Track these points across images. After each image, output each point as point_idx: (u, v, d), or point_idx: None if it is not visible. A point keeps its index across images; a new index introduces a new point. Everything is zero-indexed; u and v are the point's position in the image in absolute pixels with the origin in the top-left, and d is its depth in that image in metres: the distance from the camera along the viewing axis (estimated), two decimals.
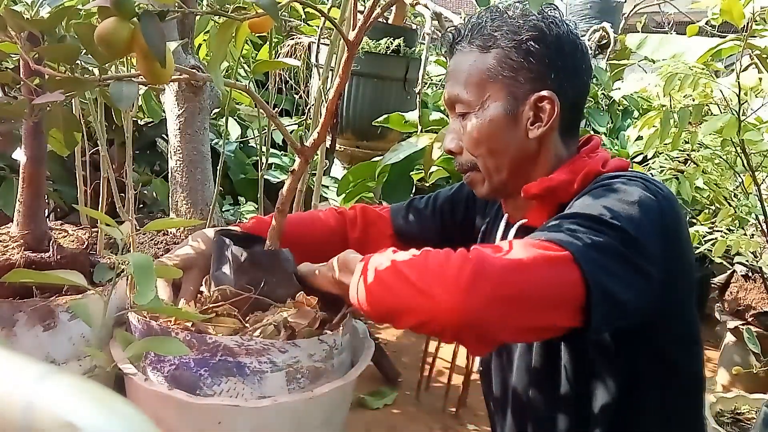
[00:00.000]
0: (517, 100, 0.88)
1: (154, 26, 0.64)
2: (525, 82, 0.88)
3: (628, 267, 0.72)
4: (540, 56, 0.87)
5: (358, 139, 2.63)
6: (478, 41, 0.90)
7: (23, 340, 0.98)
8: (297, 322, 0.89)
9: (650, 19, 4.28)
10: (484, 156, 0.91)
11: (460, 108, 0.91)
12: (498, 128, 0.89)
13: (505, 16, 0.90)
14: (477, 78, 0.89)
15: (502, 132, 0.89)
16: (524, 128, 0.89)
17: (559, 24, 0.89)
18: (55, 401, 0.34)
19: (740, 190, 1.94)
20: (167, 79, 0.71)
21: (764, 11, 1.70)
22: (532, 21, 0.88)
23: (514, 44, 0.87)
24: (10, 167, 2.07)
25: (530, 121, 0.89)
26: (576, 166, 0.89)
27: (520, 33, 0.87)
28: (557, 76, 0.88)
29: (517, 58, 0.87)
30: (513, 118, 0.89)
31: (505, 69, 0.88)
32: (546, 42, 0.87)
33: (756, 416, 1.66)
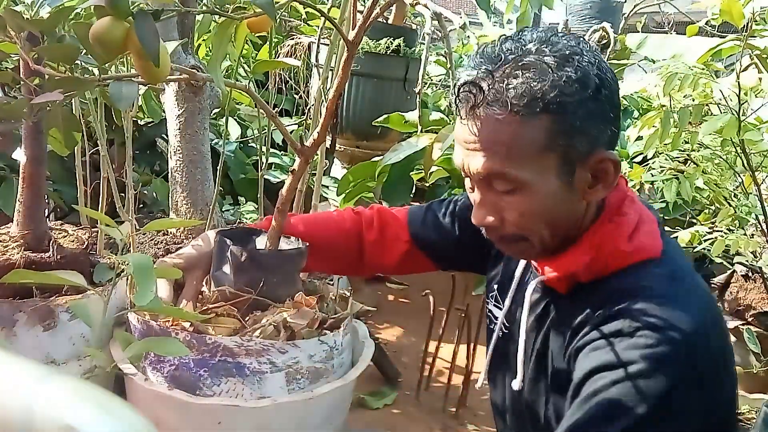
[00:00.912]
0: (573, 165, 0.77)
1: (148, 25, 0.64)
2: (582, 145, 0.76)
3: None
4: (597, 113, 0.75)
5: (358, 139, 2.63)
6: (517, 105, 0.73)
7: (23, 340, 0.98)
8: (296, 323, 0.89)
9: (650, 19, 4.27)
10: (539, 228, 0.80)
11: (504, 185, 0.78)
12: (554, 200, 0.78)
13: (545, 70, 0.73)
14: (526, 151, 0.75)
15: (558, 203, 0.78)
16: (581, 191, 0.78)
17: (604, 66, 0.76)
18: (55, 404, 0.34)
19: (740, 190, 1.94)
20: (163, 78, 0.71)
21: (764, 11, 1.70)
22: (580, 73, 0.73)
23: (569, 107, 0.73)
24: (10, 167, 2.07)
25: (588, 184, 0.78)
26: (598, 240, 0.80)
27: (570, 93, 0.73)
28: (611, 129, 0.78)
29: (574, 122, 0.74)
30: (569, 185, 0.78)
31: (560, 136, 0.74)
32: (600, 95, 0.75)
33: (756, 416, 1.66)
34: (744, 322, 2.14)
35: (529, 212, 0.79)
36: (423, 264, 1.09)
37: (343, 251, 1.07)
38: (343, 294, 1.06)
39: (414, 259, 1.08)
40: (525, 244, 0.82)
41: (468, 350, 2.10)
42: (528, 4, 1.94)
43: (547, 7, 1.93)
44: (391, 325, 2.71)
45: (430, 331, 2.18)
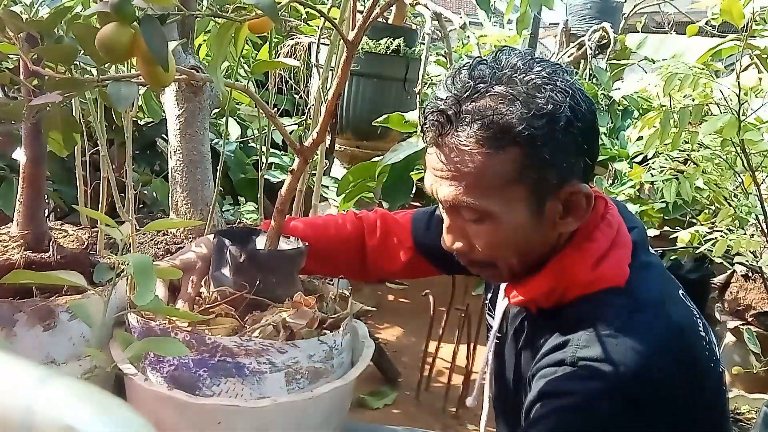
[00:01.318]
0: (544, 197, 0.75)
1: (156, 31, 0.64)
2: (553, 178, 0.74)
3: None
4: (568, 146, 0.73)
5: (358, 139, 2.63)
6: (485, 137, 0.71)
7: (23, 340, 0.98)
8: (296, 323, 0.89)
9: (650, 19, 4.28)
10: (507, 256, 0.79)
11: (471, 215, 0.77)
12: (524, 231, 0.77)
13: (514, 100, 0.71)
14: (494, 182, 0.74)
15: (528, 234, 0.77)
16: (551, 222, 0.77)
17: (579, 96, 0.74)
18: (54, 404, 0.34)
19: (740, 190, 1.94)
20: (169, 83, 0.71)
21: (764, 11, 1.70)
22: (551, 105, 0.71)
23: (538, 140, 0.71)
24: (10, 167, 2.07)
25: (559, 215, 0.77)
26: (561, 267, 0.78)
27: (539, 126, 0.71)
28: (584, 161, 0.76)
29: (543, 155, 0.72)
30: (539, 216, 0.76)
31: (529, 169, 0.73)
32: (572, 128, 0.72)
33: (756, 416, 1.66)
34: (744, 322, 2.14)
35: (496, 242, 0.78)
36: (427, 270, 1.09)
37: (344, 255, 1.06)
38: (343, 294, 1.06)
39: (418, 265, 1.07)
40: (493, 270, 0.82)
41: (468, 350, 2.10)
42: (528, 4, 1.94)
43: (548, 8, 1.93)
44: (391, 325, 2.72)
45: (430, 331, 2.18)
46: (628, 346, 0.70)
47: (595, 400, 0.69)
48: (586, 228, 0.79)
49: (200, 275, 0.99)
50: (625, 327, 0.72)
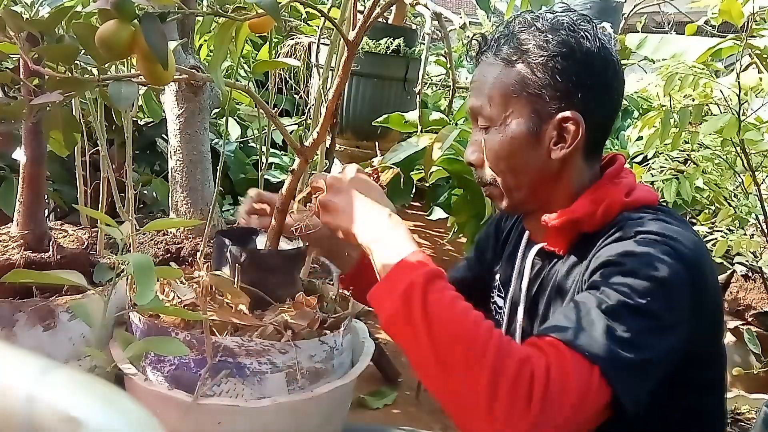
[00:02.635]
0: (541, 118, 0.85)
1: (156, 28, 0.64)
2: (550, 100, 0.84)
3: (660, 363, 0.71)
4: (567, 74, 0.83)
5: (358, 139, 2.63)
6: (504, 53, 0.86)
7: (23, 340, 0.98)
8: (297, 323, 0.89)
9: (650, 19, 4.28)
10: (504, 173, 0.88)
11: (483, 122, 0.88)
12: (519, 146, 0.85)
13: (534, 29, 0.85)
14: (500, 92, 0.85)
15: (523, 150, 0.86)
16: (547, 148, 0.86)
17: (591, 39, 0.84)
18: (57, 395, 0.34)
19: (740, 190, 1.94)
20: (168, 81, 0.71)
21: (763, 11, 1.70)
22: (562, 36, 0.83)
23: (541, 60, 0.83)
24: (10, 167, 2.07)
25: (553, 141, 0.85)
26: (598, 194, 0.86)
27: (547, 48, 0.83)
28: (584, 96, 0.84)
29: (543, 75, 0.83)
30: (536, 136, 0.85)
31: (529, 86, 0.84)
32: (575, 59, 0.83)
33: (756, 416, 1.66)
34: (744, 322, 2.14)
35: (496, 151, 0.87)
36: None
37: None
38: (343, 294, 1.06)
39: None
40: (496, 189, 0.90)
41: None
42: (528, 4, 1.94)
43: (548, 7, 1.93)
44: None
45: None
46: (677, 229, 0.79)
47: (656, 260, 0.74)
48: (612, 171, 0.89)
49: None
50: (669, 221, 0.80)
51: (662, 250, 0.75)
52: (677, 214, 0.87)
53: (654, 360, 0.71)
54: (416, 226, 4.06)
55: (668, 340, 0.72)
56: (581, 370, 0.66)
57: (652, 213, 0.83)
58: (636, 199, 0.85)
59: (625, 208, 0.84)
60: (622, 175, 0.89)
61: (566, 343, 0.68)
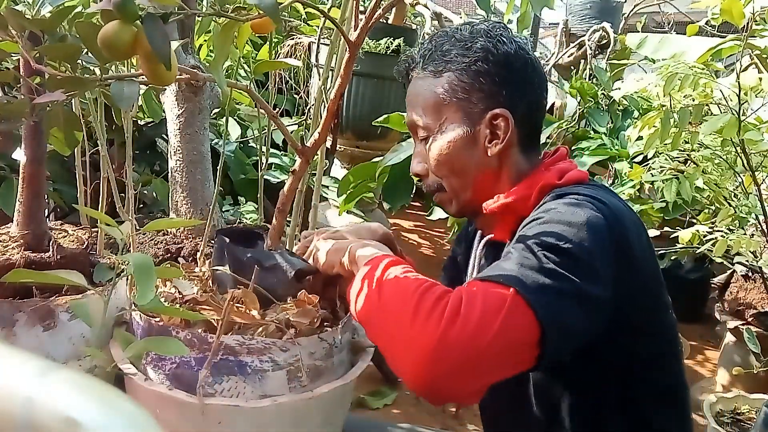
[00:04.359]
0: (473, 120, 0.91)
1: (158, 29, 0.64)
2: (478, 102, 0.90)
3: (581, 296, 0.72)
4: (490, 75, 0.89)
5: (358, 139, 2.63)
6: (430, 66, 0.92)
7: (23, 340, 0.98)
8: (298, 321, 0.89)
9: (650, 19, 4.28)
10: (448, 176, 0.94)
11: (421, 133, 0.94)
12: (457, 149, 0.91)
13: (453, 39, 0.92)
14: (432, 102, 0.92)
15: (461, 152, 0.91)
16: (483, 146, 0.91)
17: (507, 42, 0.91)
18: (56, 396, 0.34)
19: (740, 190, 1.94)
20: (171, 81, 0.71)
21: (764, 11, 1.70)
22: (479, 42, 0.90)
23: (464, 66, 0.90)
24: (10, 167, 2.07)
25: (488, 139, 0.91)
26: (533, 180, 0.91)
27: (467, 55, 0.90)
28: (509, 93, 0.90)
29: (468, 79, 0.90)
30: (471, 137, 0.91)
31: (457, 91, 0.90)
32: (494, 61, 0.89)
33: (756, 416, 1.66)
34: (744, 322, 2.14)
35: (437, 157, 0.93)
36: None
37: None
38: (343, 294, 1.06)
39: None
40: (443, 194, 0.96)
41: None
42: (528, 4, 1.94)
43: (548, 8, 1.93)
44: None
45: None
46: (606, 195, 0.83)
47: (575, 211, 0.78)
48: (549, 161, 0.95)
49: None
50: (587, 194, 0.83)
51: (583, 206, 0.79)
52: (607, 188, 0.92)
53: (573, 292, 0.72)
54: (416, 226, 4.06)
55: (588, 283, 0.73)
56: (494, 291, 0.70)
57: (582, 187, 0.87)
58: (568, 179, 0.90)
59: (557, 188, 0.88)
60: (559, 163, 0.94)
61: (482, 279, 0.73)
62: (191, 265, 1.11)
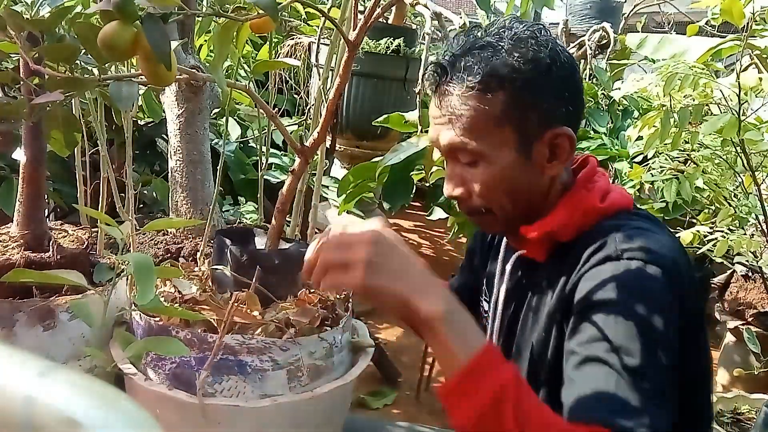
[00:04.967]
0: (530, 139, 0.83)
1: (158, 29, 0.64)
2: (537, 120, 0.82)
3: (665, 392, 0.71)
4: (548, 91, 0.82)
5: (358, 139, 2.63)
6: (475, 82, 0.80)
7: (23, 340, 0.98)
8: (298, 320, 0.89)
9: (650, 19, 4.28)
10: (499, 200, 0.86)
11: (466, 157, 0.84)
12: (513, 172, 0.84)
13: (500, 50, 0.81)
14: (484, 124, 0.81)
15: (517, 175, 0.84)
16: (539, 166, 0.84)
17: (558, 49, 0.83)
18: (56, 396, 0.34)
19: (740, 190, 1.94)
20: (171, 81, 0.71)
21: (764, 11, 1.70)
22: (531, 53, 0.80)
23: (521, 83, 0.80)
24: (10, 167, 2.07)
25: (546, 158, 0.84)
26: (573, 202, 0.85)
27: (522, 70, 0.80)
28: (566, 106, 0.83)
29: (526, 97, 0.81)
30: (527, 158, 0.83)
31: (514, 111, 0.81)
32: (552, 74, 0.81)
33: (756, 416, 1.66)
34: (744, 322, 2.14)
35: (489, 183, 0.84)
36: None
37: None
38: (344, 293, 1.06)
39: None
40: (490, 216, 0.88)
41: None
42: (528, 4, 1.94)
43: (548, 7, 1.93)
44: (391, 325, 2.71)
45: None
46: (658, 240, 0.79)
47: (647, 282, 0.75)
48: (585, 175, 0.88)
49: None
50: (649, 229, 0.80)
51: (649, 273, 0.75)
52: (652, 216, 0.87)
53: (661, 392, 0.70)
54: (416, 226, 4.06)
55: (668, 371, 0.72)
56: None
57: (628, 220, 0.83)
58: (611, 204, 0.85)
59: (601, 215, 0.84)
60: (595, 178, 0.88)
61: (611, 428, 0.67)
62: (191, 265, 1.11)
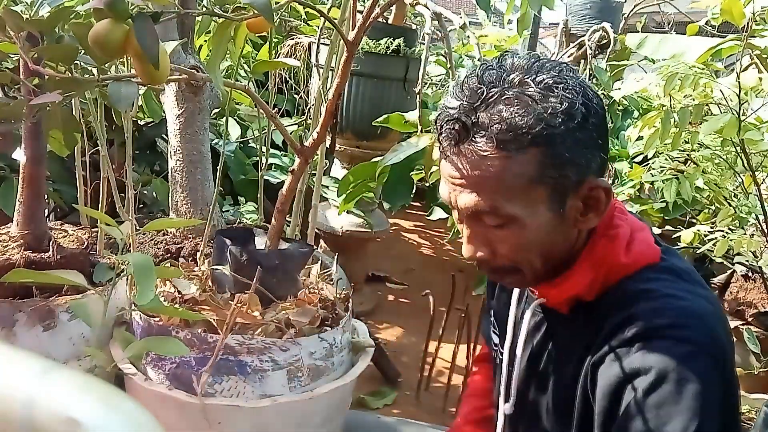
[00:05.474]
0: (565, 195, 0.75)
1: (148, 28, 0.63)
2: (572, 175, 0.74)
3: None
4: (584, 142, 0.74)
5: (358, 139, 2.63)
6: (504, 140, 0.71)
7: (23, 340, 0.98)
8: (299, 320, 0.89)
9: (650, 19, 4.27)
10: (531, 259, 0.79)
11: (493, 220, 0.76)
12: (547, 231, 0.76)
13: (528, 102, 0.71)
14: (515, 186, 0.73)
15: (551, 234, 0.77)
16: (573, 220, 0.77)
17: (590, 93, 0.75)
18: (56, 396, 0.34)
19: (740, 190, 1.94)
20: (162, 80, 0.71)
21: (764, 11, 1.70)
22: (565, 103, 0.71)
23: (556, 139, 0.71)
24: (10, 167, 2.06)
25: (580, 211, 0.77)
26: (597, 257, 0.79)
27: (554, 124, 0.71)
28: (599, 155, 0.76)
29: (562, 153, 0.72)
30: (560, 215, 0.76)
31: (549, 168, 0.72)
32: (587, 124, 0.73)
33: (756, 416, 1.66)
34: (744, 322, 2.14)
35: (520, 245, 0.77)
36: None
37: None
38: (344, 294, 1.06)
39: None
40: (517, 275, 0.81)
41: (468, 350, 2.10)
42: (528, 4, 1.94)
43: (548, 8, 1.93)
44: (391, 325, 2.71)
45: (430, 331, 2.18)
46: (691, 311, 0.72)
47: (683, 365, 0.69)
48: (606, 218, 0.80)
49: None
50: (678, 296, 0.74)
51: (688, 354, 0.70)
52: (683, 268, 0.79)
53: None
54: (416, 226, 4.06)
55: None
56: None
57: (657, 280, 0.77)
58: (636, 260, 0.79)
59: (625, 272, 0.78)
60: (617, 222, 0.81)
61: None
62: (191, 265, 1.11)
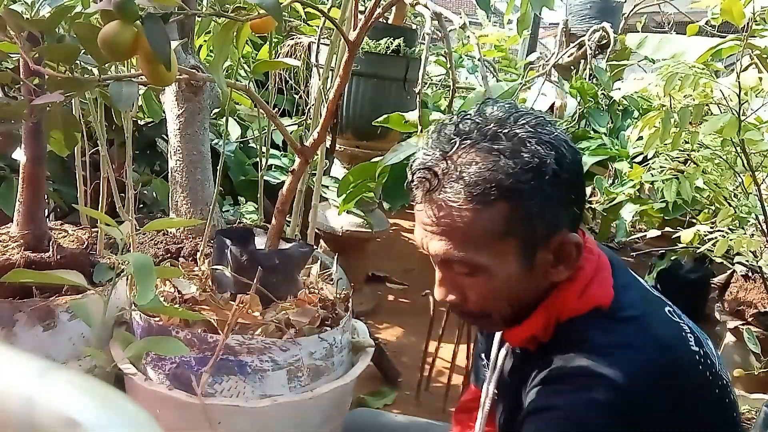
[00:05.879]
0: (534, 248, 0.76)
1: (158, 29, 0.64)
2: (543, 229, 0.75)
3: None
4: (555, 197, 0.74)
5: (358, 139, 2.63)
6: (473, 193, 0.72)
7: (23, 340, 0.98)
8: (298, 321, 0.89)
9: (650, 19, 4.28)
10: (499, 307, 0.81)
11: (462, 269, 0.78)
12: (517, 281, 0.78)
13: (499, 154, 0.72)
14: (484, 238, 0.74)
15: (520, 283, 0.78)
16: (543, 271, 0.78)
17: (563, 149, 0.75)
18: (56, 397, 0.34)
19: (740, 190, 1.94)
20: (171, 81, 0.71)
21: (764, 11, 1.70)
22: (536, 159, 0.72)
23: (525, 193, 0.72)
24: (10, 167, 2.06)
25: (550, 263, 0.78)
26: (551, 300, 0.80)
27: (524, 179, 0.71)
28: (571, 209, 0.77)
29: (532, 207, 0.73)
30: (530, 266, 0.77)
31: (517, 222, 0.73)
32: (559, 180, 0.73)
33: (756, 416, 1.66)
34: (744, 322, 2.14)
35: (489, 293, 0.79)
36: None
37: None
38: (344, 294, 1.06)
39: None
40: (487, 320, 0.83)
41: (468, 350, 2.10)
42: (528, 4, 1.94)
43: (548, 8, 1.93)
44: (391, 325, 2.71)
45: (430, 331, 2.18)
46: (612, 361, 0.72)
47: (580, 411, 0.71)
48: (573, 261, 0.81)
49: None
50: (609, 344, 0.74)
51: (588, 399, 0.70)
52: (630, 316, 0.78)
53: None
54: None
55: None
56: None
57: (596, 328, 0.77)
58: (587, 302, 0.78)
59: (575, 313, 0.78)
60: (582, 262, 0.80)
61: None
62: (191, 265, 1.11)
